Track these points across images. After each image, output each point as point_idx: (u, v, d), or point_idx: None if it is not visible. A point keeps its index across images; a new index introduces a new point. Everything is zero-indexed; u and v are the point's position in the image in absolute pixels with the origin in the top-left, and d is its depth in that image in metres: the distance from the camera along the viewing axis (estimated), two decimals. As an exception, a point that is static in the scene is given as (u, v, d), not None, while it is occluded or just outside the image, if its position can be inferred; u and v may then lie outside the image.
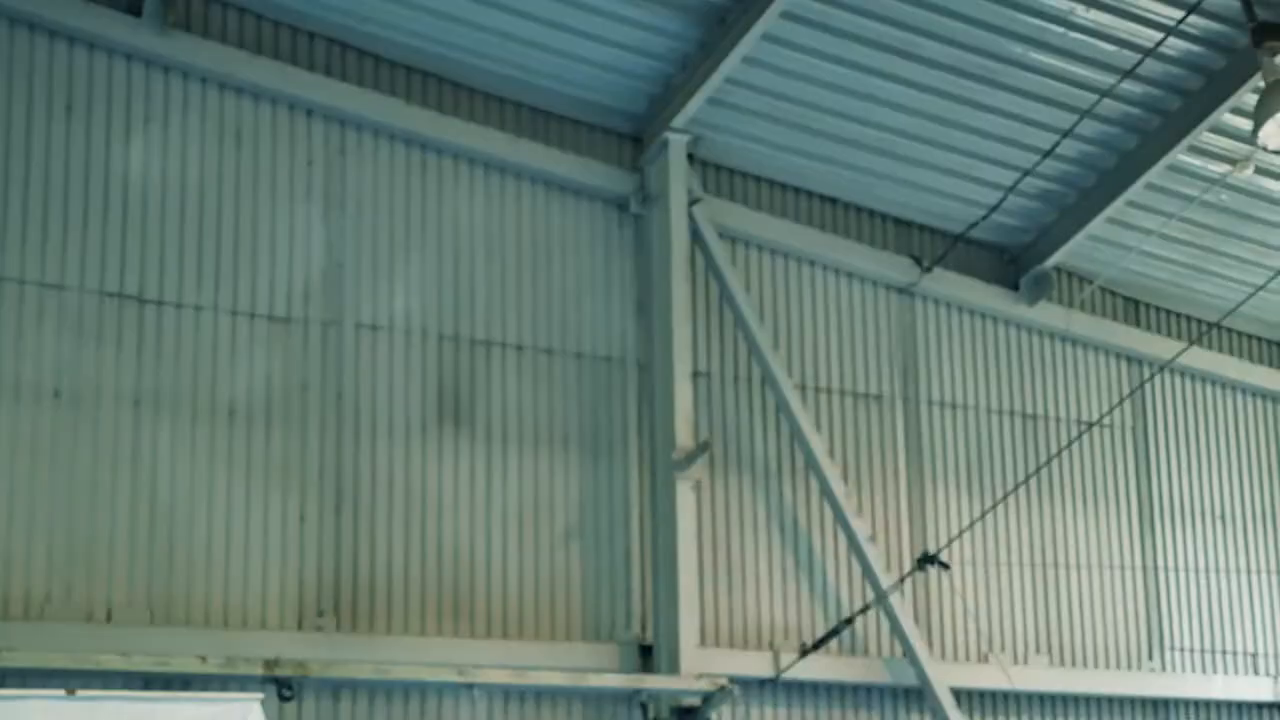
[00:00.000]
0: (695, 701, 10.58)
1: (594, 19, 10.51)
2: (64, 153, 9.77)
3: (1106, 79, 11.03)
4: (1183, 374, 13.14)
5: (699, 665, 10.69)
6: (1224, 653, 12.99)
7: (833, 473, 11.43)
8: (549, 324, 11.00)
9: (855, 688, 11.47)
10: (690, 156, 11.21)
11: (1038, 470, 12.04)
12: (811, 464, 11.40)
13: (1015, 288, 12.44)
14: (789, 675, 11.10)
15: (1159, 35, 10.77)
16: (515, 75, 10.80)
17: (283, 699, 9.47)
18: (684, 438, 10.89)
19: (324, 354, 10.30)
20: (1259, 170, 11.68)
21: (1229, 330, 13.34)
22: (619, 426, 11.10)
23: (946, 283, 12.21)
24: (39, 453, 9.46)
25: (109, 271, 9.81)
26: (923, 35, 10.73)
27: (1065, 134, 11.28)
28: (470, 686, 10.15)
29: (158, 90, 10.07)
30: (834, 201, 11.93)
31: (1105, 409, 12.54)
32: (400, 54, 10.58)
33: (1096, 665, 12.42)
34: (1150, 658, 12.66)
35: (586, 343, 11.08)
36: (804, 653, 11.16)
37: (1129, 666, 12.56)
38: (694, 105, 10.85)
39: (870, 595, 11.33)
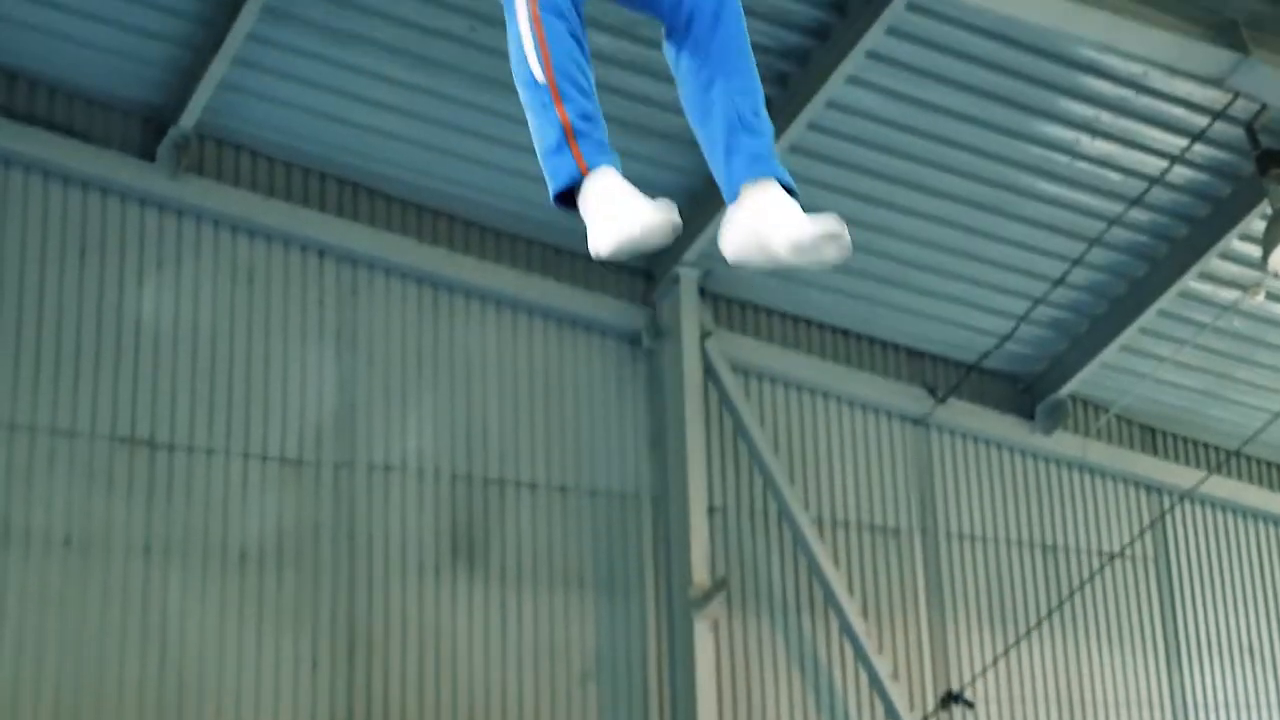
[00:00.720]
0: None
1: (601, 156, 10.57)
2: (76, 298, 9.80)
3: (1114, 207, 11.10)
4: (1203, 503, 13.04)
5: (720, 807, 10.51)
6: (1257, 792, 12.76)
7: (852, 609, 11.31)
8: (562, 461, 10.94)
9: (881, 829, 11.27)
10: (701, 290, 11.23)
11: (1060, 605, 11.91)
12: (830, 600, 11.28)
13: (1031, 417, 12.38)
14: (813, 816, 10.90)
15: (1165, 164, 10.85)
16: (525, 211, 10.86)
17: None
18: (701, 575, 10.77)
19: (336, 495, 10.24)
20: (1270, 296, 11.67)
21: (1248, 458, 13.26)
22: (635, 564, 11.00)
23: (961, 413, 12.16)
24: (48, 601, 9.37)
25: (120, 416, 9.79)
26: (930, 166, 10.81)
27: (1075, 262, 11.32)
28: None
29: (170, 234, 10.13)
30: (846, 333, 11.93)
31: (1126, 539, 12.43)
32: (411, 193, 10.66)
33: (1126, 805, 12.19)
34: (1181, 798, 12.44)
35: (601, 479, 11.01)
36: (827, 793, 10.98)
37: (1160, 806, 12.33)
38: (704, 239, 10.87)
39: (894, 733, 11.17)
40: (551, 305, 11.05)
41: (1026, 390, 12.49)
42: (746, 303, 11.62)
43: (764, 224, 4.05)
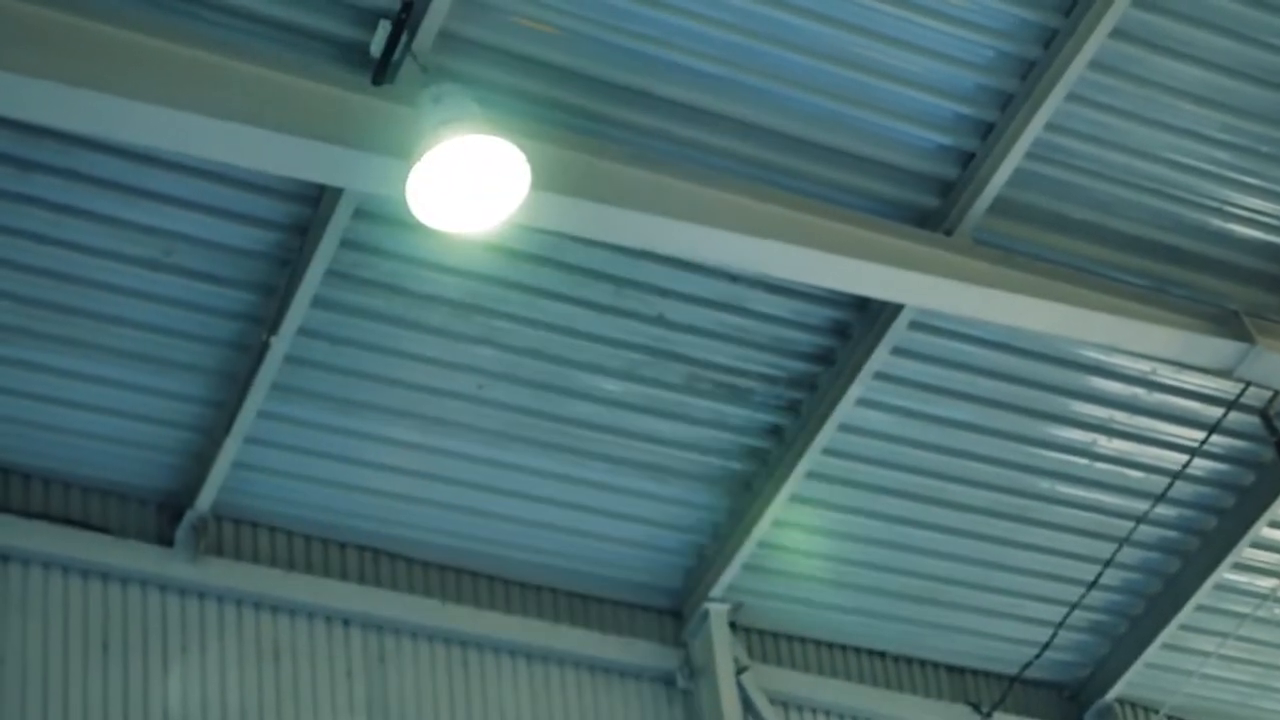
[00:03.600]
0: None
1: (620, 499, 10.57)
2: (102, 692, 9.61)
3: (1139, 505, 11.04)
4: (1271, 801, 12.68)
5: None
6: None
7: None
8: (605, 815, 10.68)
9: None
10: (733, 625, 11.07)
11: None
12: None
13: (1079, 724, 12.15)
14: None
15: (1184, 458, 10.85)
16: (549, 562, 10.80)
17: None
18: None
19: None
20: (1307, 580, 11.57)
21: (1307, 748, 12.95)
22: None
23: (1009, 727, 11.91)
24: None
25: (149, 811, 9.58)
26: (949, 480, 10.80)
27: (1106, 564, 11.20)
28: None
29: (193, 617, 10.01)
30: (883, 655, 11.71)
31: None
32: (433, 554, 10.59)
33: None
34: None
35: (644, 835, 10.74)
36: None
37: None
38: (730, 573, 10.80)
39: None
40: (583, 654, 10.86)
41: (1073, 698, 12.22)
42: (779, 633, 11.44)
43: None
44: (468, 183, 7.72)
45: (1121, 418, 10.73)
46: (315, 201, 8.89)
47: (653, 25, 8.62)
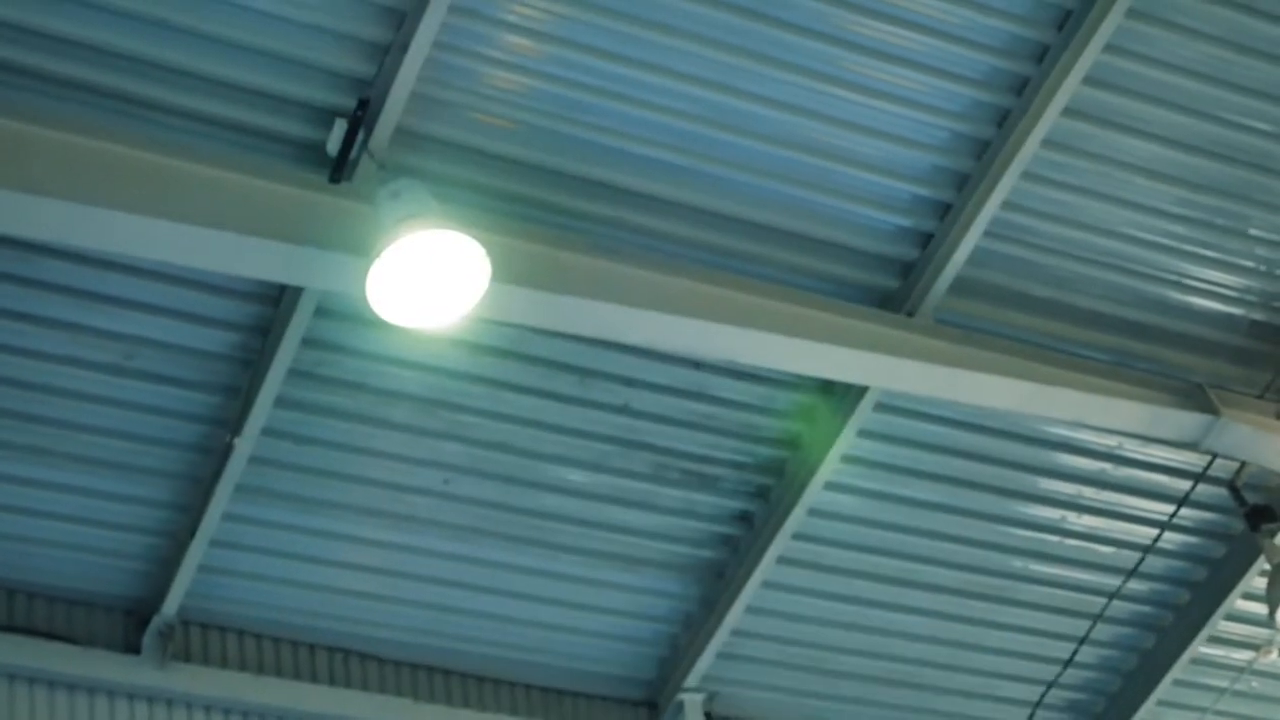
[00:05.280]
0: None
1: (591, 590, 10.50)
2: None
3: (1111, 581, 11.01)
4: None
5: None
6: None
7: None
8: None
9: None
10: (708, 714, 10.98)
11: None
12: None
13: (1064, 807, 12.04)
14: None
15: (1154, 532, 10.84)
16: (520, 657, 10.70)
17: None
18: None
19: None
20: (1283, 652, 11.51)
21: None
22: None
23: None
24: None
25: None
26: (920, 561, 10.76)
27: (1081, 641, 11.15)
28: None
29: (160, 725, 9.92)
30: (863, 751, 11.64)
31: None
32: (403, 652, 10.49)
33: None
34: None
35: None
36: None
37: None
38: (704, 663, 10.72)
39: None
40: (561, 753, 10.80)
41: (1057, 783, 12.16)
42: (755, 723, 11.39)
43: None
44: (428, 278, 7.72)
45: (1090, 493, 10.73)
46: (276, 301, 8.87)
47: (609, 116, 8.66)
